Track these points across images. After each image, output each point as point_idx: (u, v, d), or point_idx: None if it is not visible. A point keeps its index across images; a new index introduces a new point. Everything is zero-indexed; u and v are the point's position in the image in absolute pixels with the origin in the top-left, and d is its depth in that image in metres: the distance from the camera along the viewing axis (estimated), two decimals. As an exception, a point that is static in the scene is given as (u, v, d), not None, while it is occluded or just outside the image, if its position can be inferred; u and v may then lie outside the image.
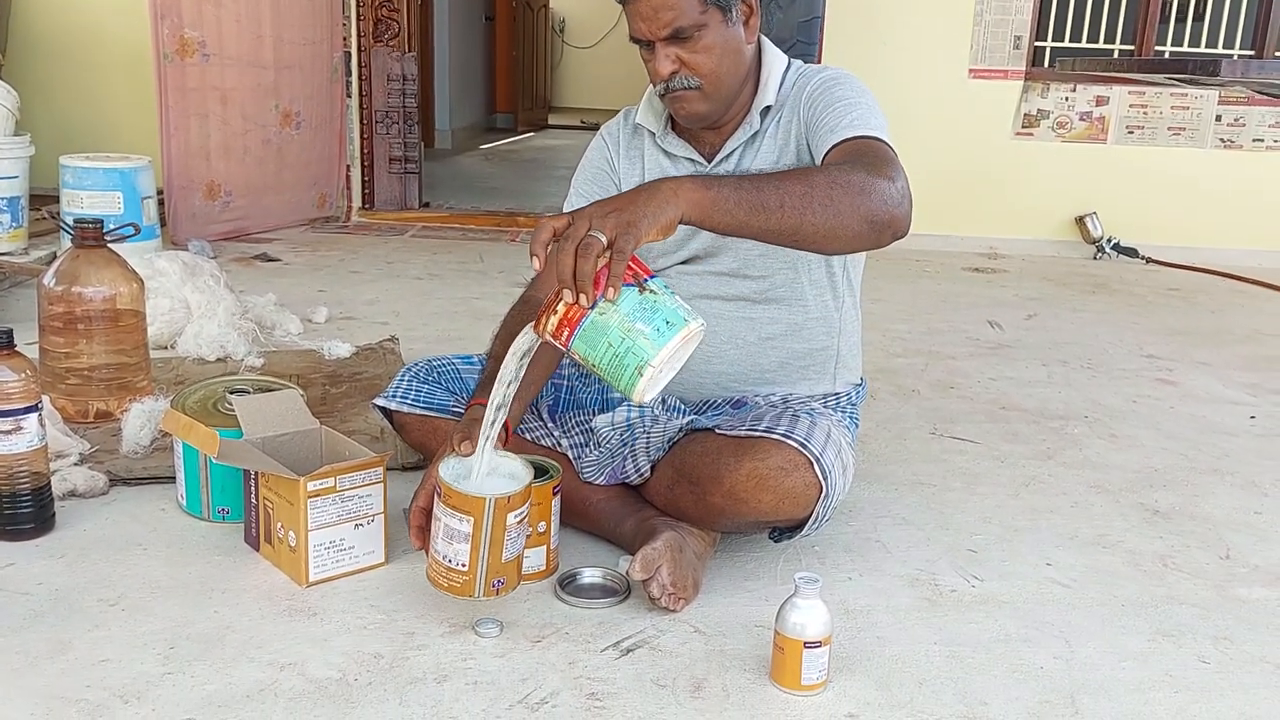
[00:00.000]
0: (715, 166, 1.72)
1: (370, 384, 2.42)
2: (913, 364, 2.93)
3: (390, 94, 4.72)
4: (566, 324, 1.21)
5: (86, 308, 2.11)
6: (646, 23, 1.57)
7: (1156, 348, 3.22)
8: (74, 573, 1.58)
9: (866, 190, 1.35)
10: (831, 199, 1.31)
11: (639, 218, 1.20)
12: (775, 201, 1.29)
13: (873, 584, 1.66)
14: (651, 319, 1.20)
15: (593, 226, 1.19)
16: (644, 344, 1.20)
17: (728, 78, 1.63)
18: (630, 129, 1.81)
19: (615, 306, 1.20)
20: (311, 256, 3.99)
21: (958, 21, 4.59)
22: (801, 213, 1.30)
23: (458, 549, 1.37)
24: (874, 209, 1.35)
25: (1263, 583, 1.73)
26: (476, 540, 1.36)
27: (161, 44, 3.80)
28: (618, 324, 1.20)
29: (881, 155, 1.46)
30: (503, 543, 1.38)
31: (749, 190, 1.28)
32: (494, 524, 1.36)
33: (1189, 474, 2.20)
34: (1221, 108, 4.66)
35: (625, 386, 1.22)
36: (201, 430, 1.59)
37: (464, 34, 7.84)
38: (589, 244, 1.18)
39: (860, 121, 1.56)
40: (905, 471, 2.14)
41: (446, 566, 1.39)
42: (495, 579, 1.40)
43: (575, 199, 1.82)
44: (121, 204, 3.53)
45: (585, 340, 1.21)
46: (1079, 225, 4.73)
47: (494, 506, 1.36)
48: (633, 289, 1.21)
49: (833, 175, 1.34)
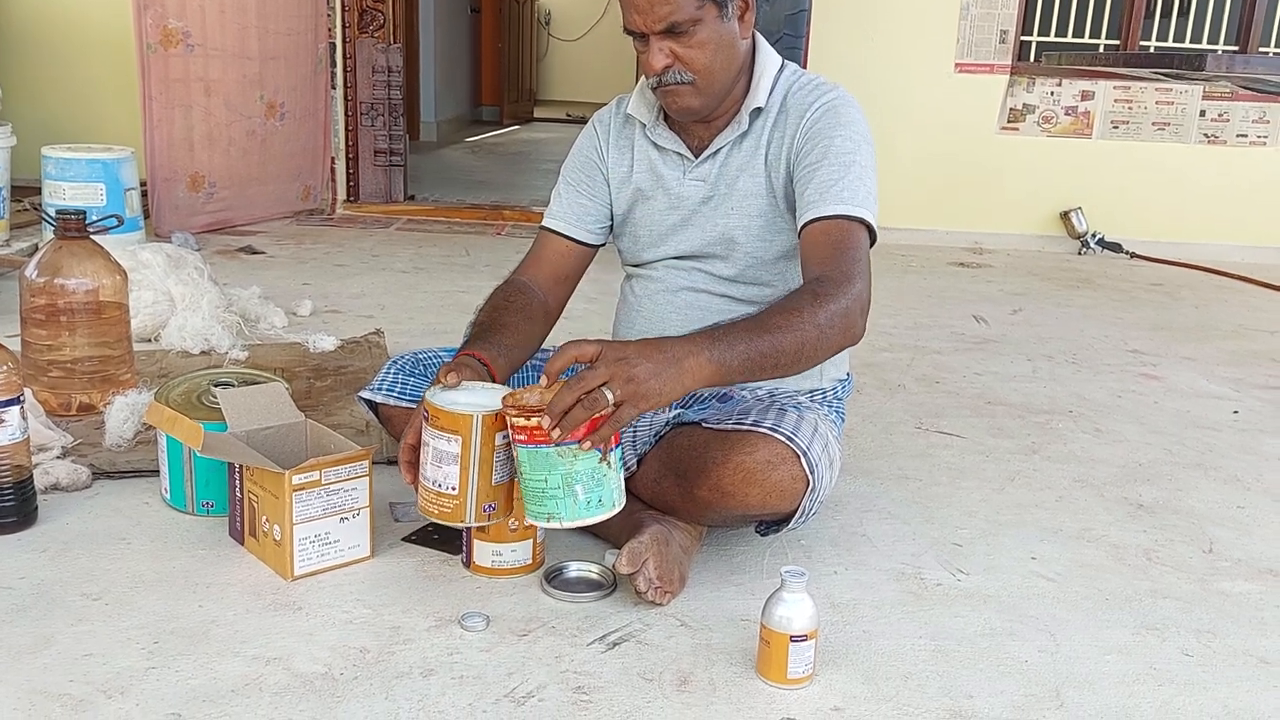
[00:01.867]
0: (702, 162, 1.72)
1: (355, 377, 2.41)
2: (898, 359, 2.94)
3: (375, 86, 4.70)
4: (527, 433, 1.29)
5: (69, 300, 2.09)
6: (642, 16, 1.56)
7: (1141, 342, 3.24)
8: (57, 567, 1.57)
9: (842, 329, 1.46)
10: (815, 351, 1.44)
11: (650, 395, 1.28)
12: (770, 363, 1.40)
13: (859, 578, 1.66)
14: (591, 490, 1.31)
15: (609, 382, 1.26)
16: (570, 506, 1.31)
17: (721, 73, 1.63)
18: (622, 118, 1.81)
19: (574, 458, 1.28)
20: (296, 249, 3.97)
21: (944, 16, 4.60)
22: (787, 368, 1.43)
23: (447, 471, 1.38)
24: (843, 342, 1.49)
25: (1245, 576, 1.74)
26: (466, 460, 1.37)
27: (145, 34, 3.78)
28: (564, 473, 1.29)
29: (853, 259, 1.53)
30: (492, 463, 1.38)
31: (752, 359, 1.37)
32: (482, 443, 1.37)
33: (1173, 468, 2.21)
34: (1206, 103, 4.68)
35: (529, 512, 1.34)
36: (186, 423, 1.58)
37: (449, 26, 7.81)
38: (595, 400, 1.26)
39: (849, 192, 1.57)
40: (891, 466, 2.14)
41: (437, 492, 1.40)
42: (486, 503, 1.40)
43: (563, 187, 1.83)
44: (104, 195, 3.51)
45: (531, 460, 1.30)
46: (1064, 220, 4.75)
47: (481, 423, 1.36)
48: (596, 453, 1.29)
49: (819, 321, 1.43)
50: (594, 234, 1.82)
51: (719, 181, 1.71)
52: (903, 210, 4.59)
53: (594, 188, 1.81)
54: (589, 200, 1.81)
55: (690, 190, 1.73)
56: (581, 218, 1.81)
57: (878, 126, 1.56)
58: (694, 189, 1.73)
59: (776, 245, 1.70)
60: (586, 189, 1.81)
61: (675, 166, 1.74)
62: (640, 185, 1.77)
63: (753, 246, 1.71)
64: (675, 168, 1.74)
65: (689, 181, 1.73)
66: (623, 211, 1.80)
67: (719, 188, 1.71)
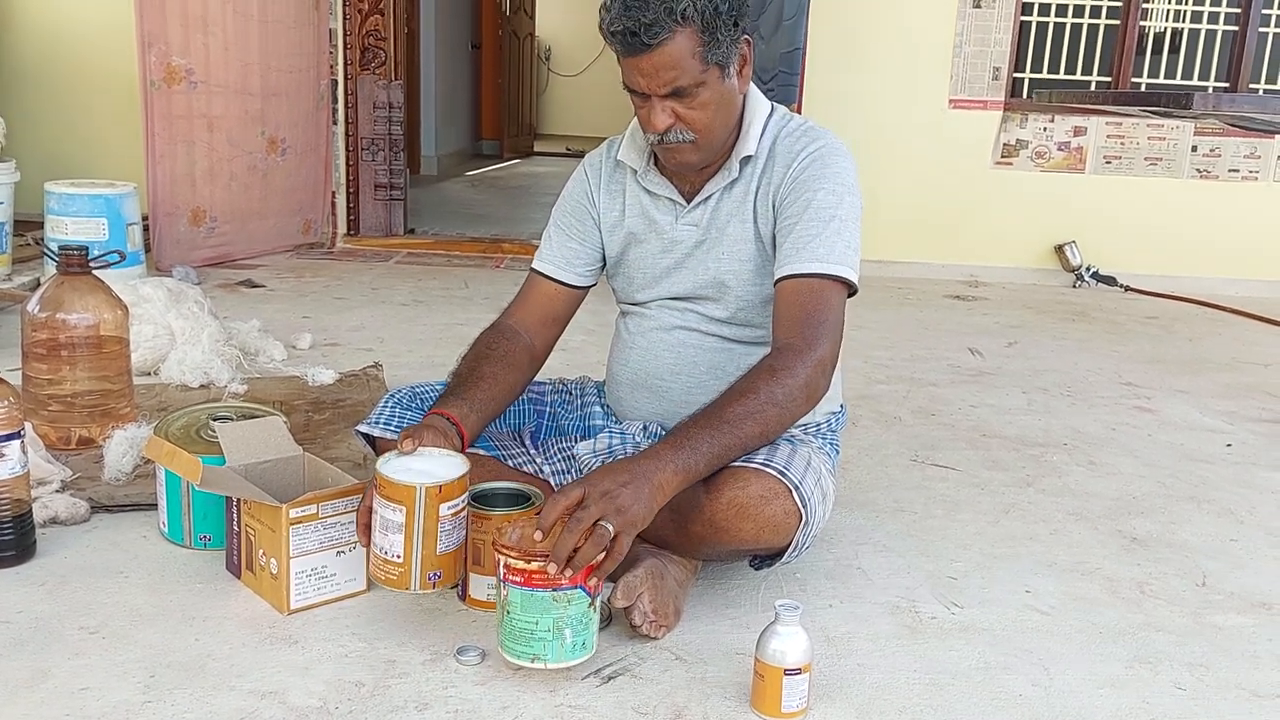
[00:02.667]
0: (694, 208, 1.74)
1: (354, 410, 2.42)
2: (894, 391, 2.95)
3: (376, 121, 4.74)
4: (524, 576, 1.33)
5: (70, 334, 2.11)
6: (646, 79, 1.57)
7: (1135, 375, 3.26)
8: (55, 600, 1.57)
9: (803, 400, 1.53)
10: (779, 426, 1.52)
11: (638, 519, 1.35)
12: (737, 452, 1.49)
13: (853, 611, 1.67)
14: (578, 634, 1.36)
15: (603, 519, 1.32)
16: (557, 649, 1.35)
17: (721, 130, 1.65)
18: (612, 163, 1.83)
19: (568, 603, 1.33)
20: (296, 283, 4.00)
21: (937, 53, 4.65)
22: (753, 449, 1.52)
23: (392, 540, 1.41)
24: (804, 411, 1.56)
25: (1238, 610, 1.74)
26: (410, 530, 1.40)
27: (149, 71, 3.82)
28: (556, 616, 1.33)
29: (820, 321, 1.58)
30: (436, 533, 1.41)
31: (718, 455, 1.46)
32: (426, 514, 1.39)
33: (1166, 501, 2.22)
34: (1197, 138, 4.72)
35: (510, 649, 1.37)
36: (184, 457, 1.59)
37: (450, 62, 7.88)
38: (600, 536, 1.31)
39: (825, 249, 1.61)
40: (887, 498, 2.15)
41: (384, 559, 1.43)
42: (431, 571, 1.43)
43: (554, 231, 1.85)
44: (106, 230, 3.53)
45: (524, 601, 1.34)
46: (1058, 254, 4.78)
47: (425, 495, 1.39)
48: (587, 598, 1.35)
49: (777, 398, 1.50)
50: (583, 277, 1.84)
51: (710, 227, 1.73)
52: (899, 244, 4.63)
53: (584, 231, 1.83)
54: (578, 244, 1.83)
55: (683, 235, 1.75)
56: (570, 261, 1.83)
57: (873, 162, 1.60)
58: (687, 233, 1.75)
59: (767, 289, 1.71)
60: (577, 233, 1.83)
61: (668, 211, 1.76)
62: (633, 229, 1.79)
63: (743, 290, 1.73)
64: (668, 213, 1.76)
65: (682, 226, 1.75)
66: (615, 254, 1.82)
67: (710, 233, 1.73)
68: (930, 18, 4.62)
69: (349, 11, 4.60)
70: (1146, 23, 4.80)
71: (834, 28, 4.47)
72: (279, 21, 4.25)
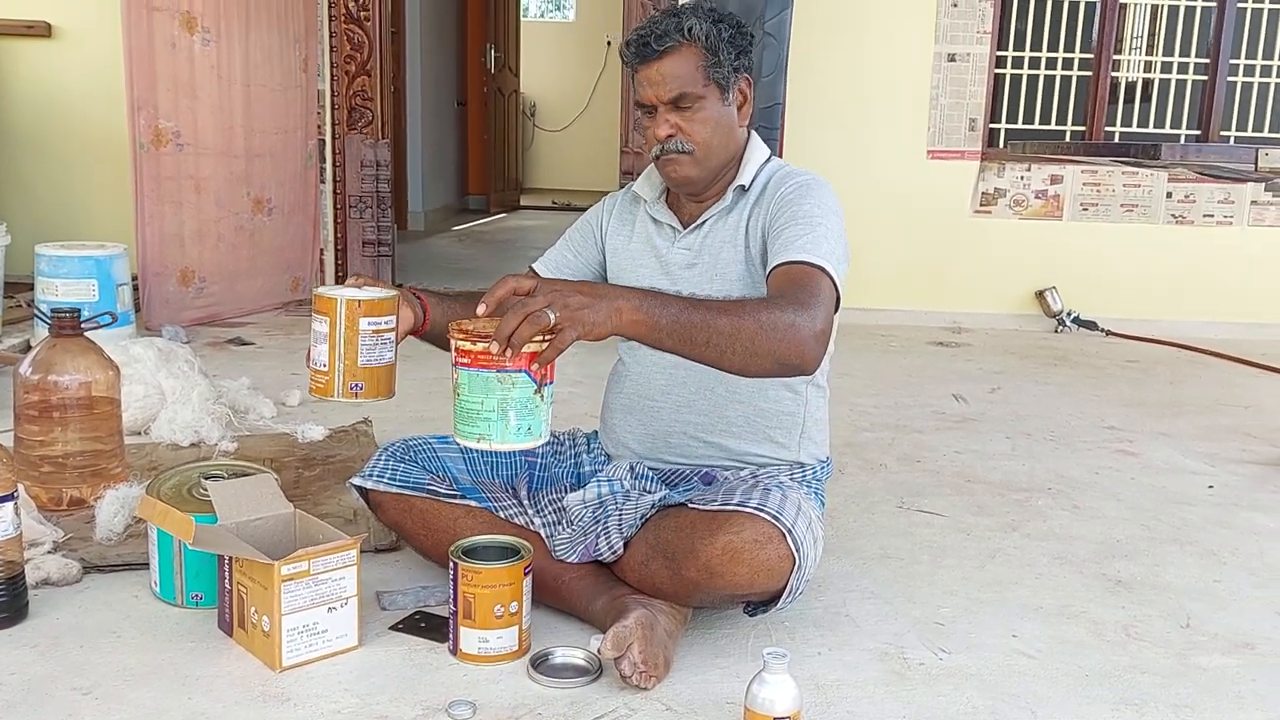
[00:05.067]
0: (689, 233, 1.86)
1: (343, 466, 2.44)
2: (880, 438, 2.98)
3: (364, 179, 4.80)
4: (470, 356, 1.38)
5: (62, 396, 2.13)
6: (654, 87, 1.74)
7: (1117, 419, 3.29)
8: (47, 662, 1.58)
9: (785, 338, 1.49)
10: (753, 343, 1.46)
11: (585, 321, 1.36)
12: (702, 338, 1.44)
13: (842, 658, 1.68)
14: (523, 418, 1.39)
15: (549, 306, 1.34)
16: (501, 429, 1.39)
17: (718, 149, 1.79)
18: (630, 197, 1.98)
19: (511, 385, 1.37)
20: (285, 339, 4.02)
21: (914, 105, 4.74)
22: (722, 350, 1.46)
23: (320, 350, 1.54)
24: (787, 354, 1.50)
25: (1222, 650, 1.76)
26: (332, 339, 1.53)
27: (138, 134, 3.87)
28: (500, 397, 1.38)
29: (812, 292, 1.59)
30: (357, 345, 1.53)
31: (682, 324, 1.43)
32: (346, 325, 1.52)
33: (1150, 544, 2.24)
34: (1172, 185, 4.81)
35: (458, 430, 1.42)
36: (177, 516, 1.60)
37: (436, 119, 7.98)
38: (539, 317, 1.33)
39: (811, 245, 1.66)
40: (873, 545, 2.17)
41: (313, 369, 1.56)
42: (353, 381, 1.54)
43: (559, 244, 2.02)
44: (96, 291, 3.56)
45: (470, 381, 1.39)
46: (1039, 299, 4.84)
47: (345, 306, 1.52)
48: (532, 383, 1.39)
49: (760, 318, 1.48)
50: None
51: (703, 251, 1.84)
52: (882, 291, 4.69)
53: (584, 249, 1.99)
54: (573, 256, 1.99)
55: (677, 257, 1.86)
56: (560, 267, 1.99)
57: (855, 212, 1.67)
58: (680, 256, 1.86)
59: None
60: (576, 248, 2.00)
61: (667, 237, 1.89)
62: (635, 254, 1.92)
63: None
64: (667, 238, 1.89)
65: (677, 249, 1.87)
66: (615, 276, 1.94)
67: (703, 256, 1.84)
68: (906, 72, 4.71)
69: (336, 73, 4.68)
70: (1118, 74, 4.92)
71: (812, 82, 4.56)
72: (263, 85, 4.31)
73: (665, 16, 1.74)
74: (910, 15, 4.68)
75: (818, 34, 4.54)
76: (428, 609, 1.78)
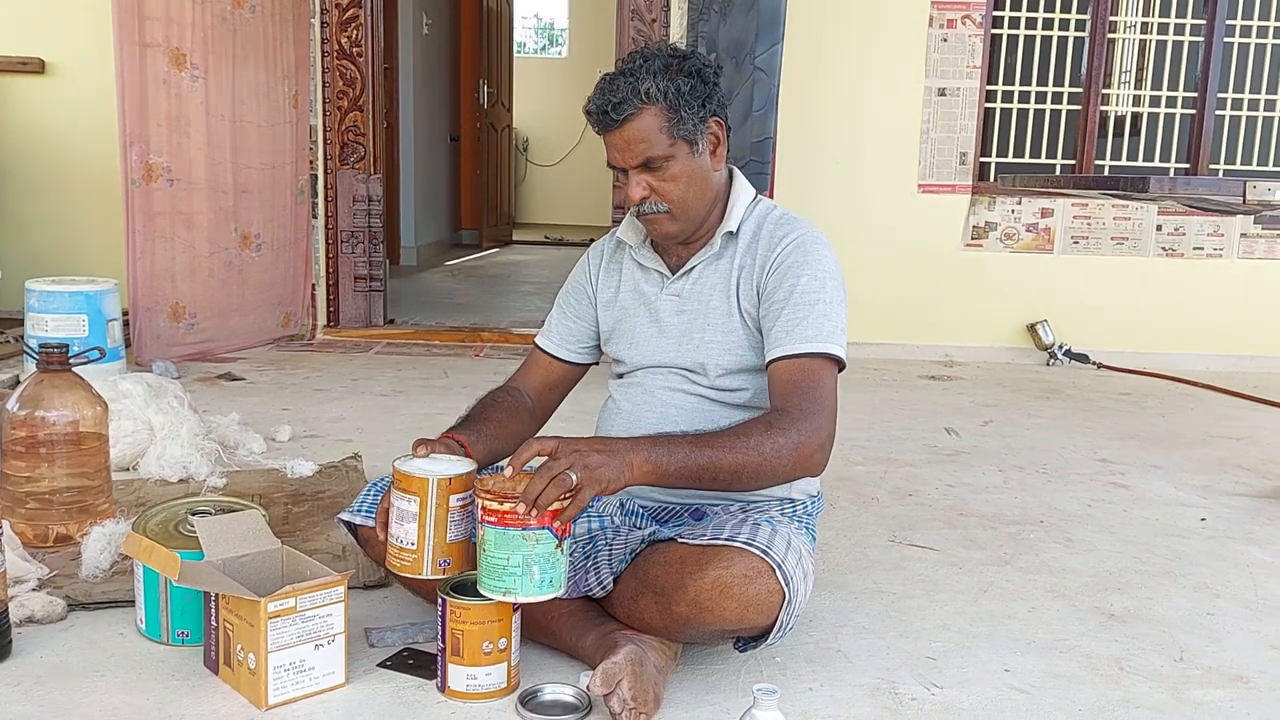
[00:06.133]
0: (677, 279, 1.85)
1: (333, 502, 2.43)
2: (872, 472, 2.97)
3: (356, 214, 4.81)
4: (498, 516, 1.46)
5: (49, 432, 2.12)
6: (620, 153, 1.73)
7: (1109, 451, 3.29)
8: (30, 701, 1.56)
9: (790, 461, 1.60)
10: (758, 474, 1.59)
11: (602, 480, 1.47)
12: (709, 477, 1.57)
13: (833, 694, 1.67)
14: (545, 571, 1.48)
15: (570, 468, 1.44)
16: (526, 583, 1.48)
17: (695, 203, 1.78)
18: (614, 244, 1.97)
19: (536, 541, 1.46)
20: (276, 375, 4.01)
21: (905, 140, 4.78)
22: (729, 484, 1.60)
23: (407, 529, 1.55)
24: (793, 474, 1.65)
25: (1215, 684, 1.75)
26: (423, 519, 1.54)
27: (130, 170, 3.88)
28: (525, 553, 1.46)
29: (815, 398, 1.66)
30: (446, 523, 1.55)
31: (689, 468, 1.55)
32: (438, 504, 1.54)
33: (1143, 577, 2.24)
34: (1162, 218, 4.84)
35: (483, 584, 1.50)
36: (162, 553, 1.59)
37: (429, 154, 8.01)
38: (563, 481, 1.44)
39: (814, 331, 1.70)
40: (865, 580, 2.16)
41: (399, 547, 1.57)
42: (441, 559, 1.57)
43: (556, 310, 2.02)
44: (86, 327, 3.55)
45: (497, 539, 1.47)
46: (1031, 332, 4.85)
47: (436, 486, 1.54)
48: (554, 539, 1.48)
49: (764, 450, 1.58)
50: (578, 354, 1.99)
51: (691, 298, 1.83)
52: (874, 325, 4.70)
53: (580, 311, 1.97)
54: (574, 323, 1.98)
55: (665, 304, 1.85)
56: (566, 339, 1.98)
57: (847, 245, 1.68)
58: (669, 303, 1.85)
59: (745, 360, 1.81)
60: (574, 313, 1.98)
61: (655, 284, 1.88)
62: (625, 303, 1.91)
63: (722, 359, 1.81)
64: (655, 285, 1.88)
65: (665, 297, 1.86)
66: (609, 328, 1.94)
67: (691, 303, 1.83)
68: (897, 106, 4.75)
69: (329, 108, 4.70)
70: (1107, 107, 4.96)
71: (803, 117, 4.60)
72: (249, 122, 4.31)
73: (621, 80, 1.69)
74: (900, 50, 4.72)
75: (809, 68, 4.59)
76: (416, 646, 1.76)
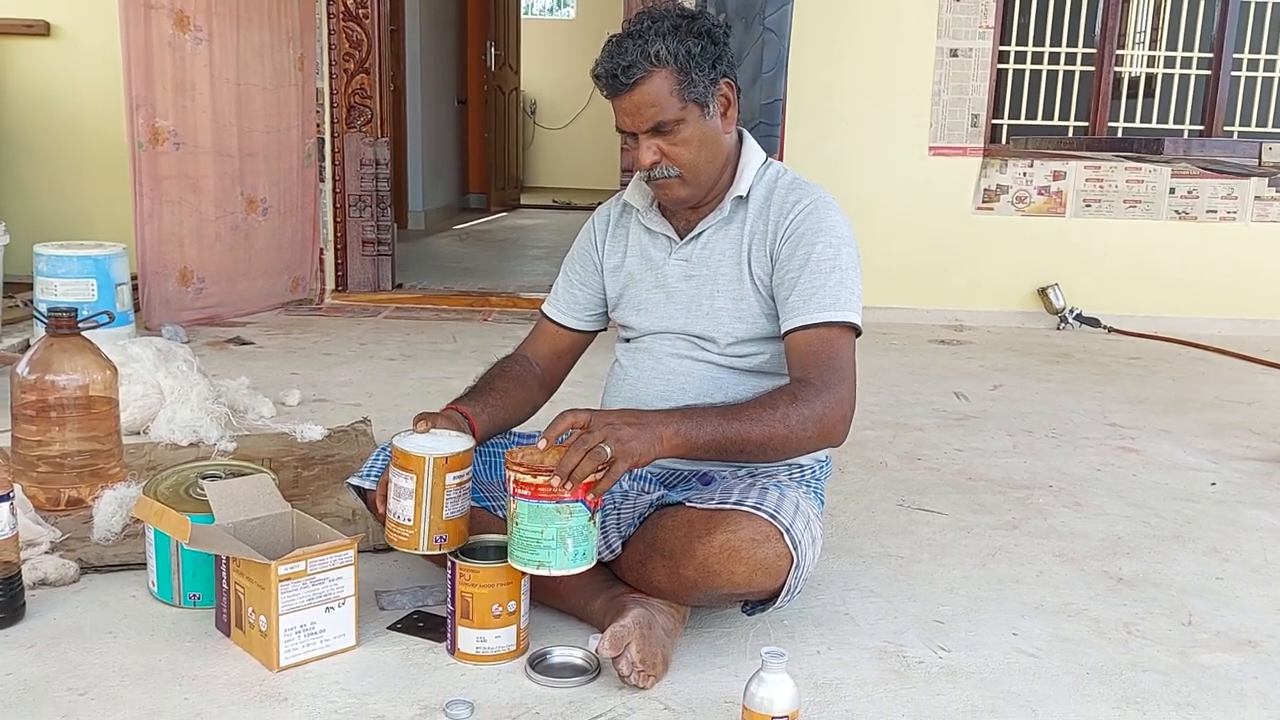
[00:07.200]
0: (685, 244, 1.82)
1: (342, 466, 2.43)
2: (880, 436, 2.97)
3: (363, 178, 4.79)
4: (531, 489, 1.46)
5: (59, 396, 2.12)
6: (630, 117, 1.70)
7: (1119, 416, 3.28)
8: (44, 662, 1.57)
9: (816, 432, 1.62)
10: (785, 445, 1.61)
11: (634, 453, 1.48)
12: (736, 449, 1.58)
13: (841, 657, 1.67)
14: (579, 544, 1.48)
15: (604, 441, 1.45)
16: (560, 556, 1.48)
17: (706, 166, 1.75)
18: (620, 207, 1.94)
19: (570, 514, 1.46)
20: (285, 339, 4.02)
21: (916, 101, 4.73)
22: (755, 456, 1.63)
23: (404, 505, 1.56)
24: (819, 444, 1.67)
25: (1224, 648, 1.75)
26: (419, 496, 1.55)
27: (136, 133, 3.87)
28: (559, 526, 1.46)
29: (836, 367, 1.67)
30: (442, 500, 1.56)
31: (718, 441, 1.56)
32: (434, 482, 1.54)
33: (1152, 541, 2.23)
34: (1175, 180, 4.79)
35: (515, 557, 1.51)
36: (173, 516, 1.60)
37: (436, 117, 7.97)
38: (598, 454, 1.44)
39: (831, 298, 1.70)
40: (873, 544, 2.16)
41: (396, 522, 1.58)
42: (437, 534, 1.57)
43: (561, 278, 1.99)
44: (95, 291, 3.56)
45: (531, 512, 1.47)
46: (1041, 296, 4.83)
47: (433, 465, 1.54)
48: (588, 512, 1.48)
49: (790, 422, 1.59)
50: (585, 322, 1.97)
51: (700, 263, 1.81)
52: (884, 290, 4.67)
53: (586, 278, 1.95)
54: (580, 290, 1.95)
55: (674, 269, 1.83)
56: (572, 307, 1.96)
57: (857, 210, 1.66)
58: (677, 268, 1.83)
59: (756, 327, 1.79)
60: (580, 280, 1.95)
61: (663, 248, 1.85)
62: (632, 269, 1.88)
63: (733, 327, 1.79)
64: (663, 249, 1.85)
65: (673, 261, 1.83)
66: (616, 294, 1.92)
67: (700, 269, 1.81)
68: (908, 67, 4.70)
69: (335, 71, 4.67)
70: (1121, 69, 4.90)
71: (813, 79, 4.55)
72: (254, 84, 4.28)
73: (629, 42, 1.66)
74: (912, 10, 4.66)
75: (819, 29, 4.53)
76: (426, 608, 1.77)
